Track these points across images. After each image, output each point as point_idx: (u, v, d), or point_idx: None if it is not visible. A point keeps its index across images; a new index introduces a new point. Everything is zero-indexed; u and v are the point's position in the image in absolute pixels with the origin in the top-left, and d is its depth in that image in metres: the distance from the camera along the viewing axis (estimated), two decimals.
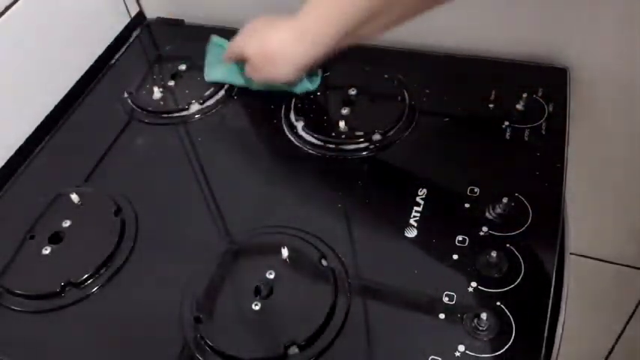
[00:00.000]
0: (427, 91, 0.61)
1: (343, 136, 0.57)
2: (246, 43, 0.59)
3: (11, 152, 0.61)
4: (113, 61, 0.72)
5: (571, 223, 0.55)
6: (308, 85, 0.61)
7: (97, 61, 0.71)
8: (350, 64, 0.66)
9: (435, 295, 0.45)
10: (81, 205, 0.54)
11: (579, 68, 0.62)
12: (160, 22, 0.77)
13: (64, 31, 0.67)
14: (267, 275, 0.47)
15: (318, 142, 0.58)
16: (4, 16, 0.59)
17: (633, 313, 0.92)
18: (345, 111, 0.60)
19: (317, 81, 0.62)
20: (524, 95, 0.58)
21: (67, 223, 0.53)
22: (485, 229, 0.48)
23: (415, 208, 0.51)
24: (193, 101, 0.64)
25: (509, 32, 0.64)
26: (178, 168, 0.58)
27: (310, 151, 0.57)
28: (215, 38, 0.67)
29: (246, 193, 0.55)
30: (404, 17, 0.52)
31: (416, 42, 0.67)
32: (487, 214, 0.49)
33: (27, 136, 0.63)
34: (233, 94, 0.65)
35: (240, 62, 0.61)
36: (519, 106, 0.57)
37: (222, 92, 0.65)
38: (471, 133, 0.57)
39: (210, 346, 0.44)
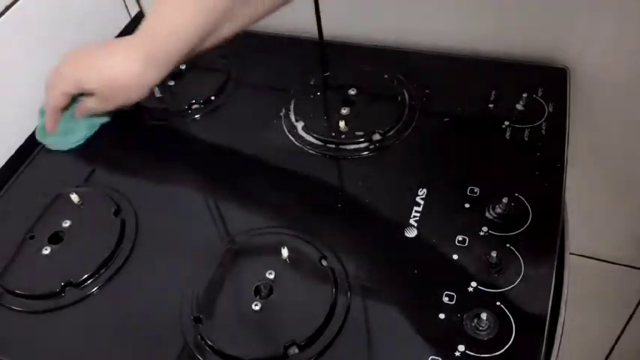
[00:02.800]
0: (427, 91, 0.61)
1: (343, 136, 0.57)
2: (83, 76, 0.54)
3: (11, 152, 0.61)
4: None
5: (571, 223, 0.55)
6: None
7: None
8: (350, 64, 0.66)
9: (435, 295, 0.45)
10: (81, 205, 0.54)
11: (579, 68, 0.62)
12: None
13: (64, 31, 0.67)
14: (267, 275, 0.47)
15: (318, 142, 0.58)
16: (4, 16, 0.59)
17: (633, 313, 0.92)
18: (345, 111, 0.60)
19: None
20: (524, 95, 0.58)
21: (66, 223, 0.53)
22: (485, 229, 0.48)
23: (415, 208, 0.51)
24: (193, 101, 0.64)
25: (509, 32, 0.64)
26: (178, 168, 0.58)
27: (310, 151, 0.57)
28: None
29: (246, 193, 0.55)
30: (258, 16, 0.52)
31: (416, 42, 0.67)
32: (487, 214, 0.49)
33: (27, 135, 0.63)
34: (233, 94, 0.65)
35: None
36: (519, 106, 0.58)
37: (222, 92, 0.65)
38: (471, 133, 0.57)
39: (210, 346, 0.44)
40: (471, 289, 0.45)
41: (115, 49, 0.53)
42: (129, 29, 0.75)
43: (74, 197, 0.54)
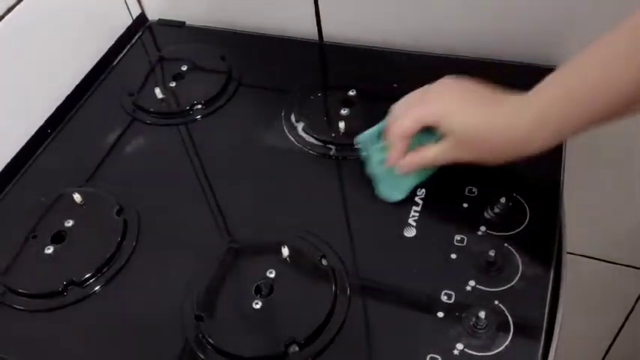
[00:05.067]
0: None
1: (343, 137, 0.58)
2: (441, 109, 0.46)
3: (14, 152, 0.61)
4: (115, 63, 0.73)
5: (570, 223, 0.55)
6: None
7: (99, 63, 0.71)
8: (350, 65, 0.66)
9: (433, 294, 0.45)
10: (83, 205, 0.55)
11: None
12: (161, 23, 0.78)
13: (67, 33, 0.67)
14: (268, 274, 0.47)
15: (318, 143, 0.58)
16: (6, 18, 0.59)
17: (631, 312, 0.92)
18: (344, 111, 0.60)
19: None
20: None
21: (69, 223, 0.53)
22: (483, 228, 0.49)
23: (414, 207, 0.51)
24: (195, 102, 0.64)
25: (508, 33, 0.64)
26: (180, 168, 0.59)
27: (310, 152, 0.58)
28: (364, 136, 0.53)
29: (246, 193, 0.56)
30: None
31: (415, 43, 0.67)
32: (485, 214, 0.50)
33: (30, 136, 0.63)
34: (234, 95, 0.65)
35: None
36: None
37: (223, 93, 0.65)
38: None
39: (211, 345, 0.44)
40: (469, 288, 0.45)
41: (502, 101, 0.45)
42: (131, 31, 0.76)
43: (77, 197, 0.55)
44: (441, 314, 0.44)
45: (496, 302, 0.44)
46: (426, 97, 0.49)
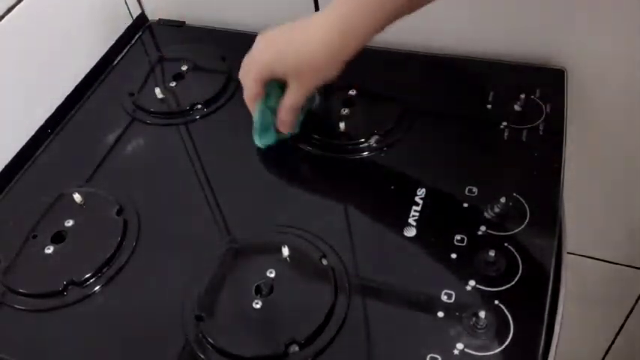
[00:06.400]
0: (426, 91, 0.62)
1: (343, 137, 0.58)
2: (273, 58, 0.50)
3: (14, 152, 0.62)
4: (115, 63, 0.73)
5: (570, 223, 0.55)
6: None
7: (99, 63, 0.71)
8: (349, 65, 0.66)
9: (433, 293, 0.45)
10: (83, 205, 0.55)
11: (577, 69, 0.63)
12: (161, 23, 0.78)
13: (67, 33, 0.68)
14: (268, 274, 0.47)
15: (318, 143, 0.58)
16: (6, 18, 0.59)
17: (630, 312, 0.92)
18: (345, 111, 0.60)
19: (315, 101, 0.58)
20: (522, 96, 0.58)
21: (69, 223, 0.53)
22: (483, 228, 0.49)
23: (414, 207, 0.51)
24: (195, 102, 0.64)
25: (507, 33, 0.64)
26: (180, 168, 0.59)
27: (311, 152, 0.58)
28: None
29: (247, 192, 0.56)
30: None
31: (415, 42, 0.67)
32: (485, 214, 0.50)
33: (30, 136, 0.63)
34: (234, 95, 0.65)
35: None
36: (517, 107, 0.58)
37: (223, 93, 0.65)
38: (469, 133, 0.58)
39: (211, 345, 0.44)
40: (469, 287, 0.45)
41: (307, 26, 0.49)
42: (131, 31, 0.76)
43: (77, 197, 0.55)
44: (441, 314, 0.44)
45: (496, 302, 0.44)
46: (252, 55, 0.52)
